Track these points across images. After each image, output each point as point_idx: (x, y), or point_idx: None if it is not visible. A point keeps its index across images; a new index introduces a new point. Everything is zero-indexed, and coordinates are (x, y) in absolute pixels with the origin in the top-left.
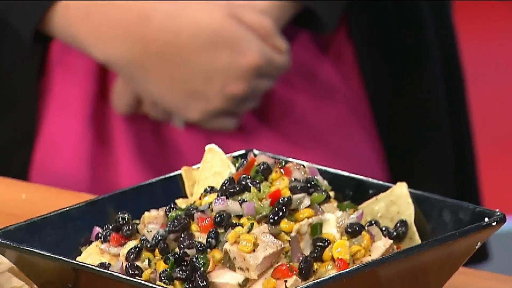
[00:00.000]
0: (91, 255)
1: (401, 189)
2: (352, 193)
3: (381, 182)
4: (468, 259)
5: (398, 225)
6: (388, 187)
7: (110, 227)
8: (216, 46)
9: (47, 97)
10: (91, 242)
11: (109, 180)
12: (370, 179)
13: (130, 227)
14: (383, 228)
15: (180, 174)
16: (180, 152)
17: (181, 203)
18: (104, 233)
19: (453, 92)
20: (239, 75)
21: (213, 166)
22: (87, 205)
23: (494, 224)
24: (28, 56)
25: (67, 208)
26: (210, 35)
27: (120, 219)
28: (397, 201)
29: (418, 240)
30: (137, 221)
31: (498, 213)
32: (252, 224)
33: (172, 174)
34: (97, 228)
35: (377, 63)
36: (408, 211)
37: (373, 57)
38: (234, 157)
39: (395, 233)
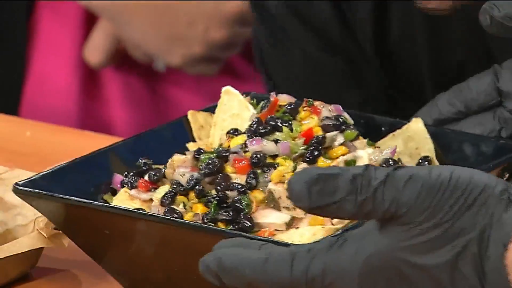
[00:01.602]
0: (122, 202)
1: (417, 124)
2: (364, 131)
3: (393, 119)
4: None
5: (421, 161)
6: (402, 124)
7: (132, 173)
8: None
9: (35, 37)
10: (112, 189)
11: (99, 116)
12: (381, 117)
13: (158, 172)
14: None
15: (185, 118)
16: (168, 97)
17: (192, 146)
18: (129, 179)
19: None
20: (221, 22)
21: (231, 108)
22: (105, 151)
23: None
24: None
25: (87, 155)
26: None
27: (142, 165)
28: (414, 137)
29: None
30: (159, 166)
31: None
32: (296, 164)
33: (177, 119)
34: (117, 175)
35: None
36: (427, 146)
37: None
38: (251, 98)
39: None
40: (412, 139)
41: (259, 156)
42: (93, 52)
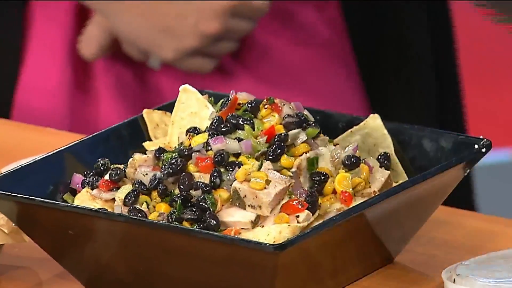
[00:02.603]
0: (84, 202)
1: (375, 120)
2: (321, 128)
3: (349, 115)
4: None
5: (380, 157)
6: (359, 120)
7: (92, 172)
8: None
9: (27, 36)
10: (71, 189)
11: (89, 117)
12: (338, 113)
13: (119, 172)
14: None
15: (141, 117)
16: (159, 91)
17: (149, 145)
18: (89, 179)
19: (437, 25)
20: (212, 14)
21: (189, 107)
22: (62, 151)
23: (483, 150)
24: None
25: (45, 155)
26: None
27: (101, 165)
28: (372, 133)
29: (402, 171)
30: (118, 166)
31: (484, 139)
32: (262, 162)
33: (132, 117)
34: (77, 175)
35: (360, 8)
36: (385, 143)
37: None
38: (209, 96)
39: None
40: (370, 136)
41: (222, 155)
42: (87, 44)
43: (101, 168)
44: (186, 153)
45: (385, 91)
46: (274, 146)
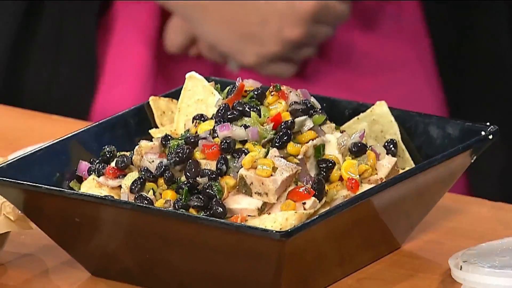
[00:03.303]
0: (90, 189)
1: (382, 107)
2: (328, 115)
3: (355, 102)
4: None
5: (387, 144)
6: (366, 107)
7: (98, 160)
8: None
9: (108, 42)
10: (77, 177)
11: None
12: (345, 100)
13: (125, 159)
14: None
15: (147, 104)
16: None
17: (155, 133)
18: (96, 167)
19: None
20: (295, 20)
21: (195, 94)
22: (68, 138)
23: (490, 137)
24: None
25: (52, 143)
26: None
27: (107, 152)
28: (379, 120)
29: (408, 158)
30: (124, 153)
31: (491, 126)
32: (268, 149)
33: (138, 105)
34: (83, 162)
35: (442, 12)
36: (392, 129)
37: (439, 7)
38: (216, 83)
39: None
40: (377, 122)
41: (228, 142)
42: (170, 40)
43: (108, 155)
44: (192, 140)
45: (463, 93)
46: (281, 133)
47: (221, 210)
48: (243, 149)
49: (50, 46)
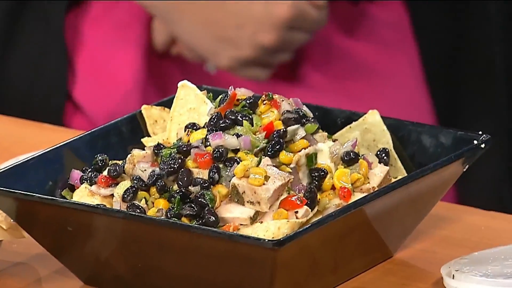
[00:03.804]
0: (82, 198)
1: (374, 116)
2: (320, 124)
3: (348, 111)
4: None
5: (379, 153)
6: (358, 116)
7: (90, 168)
8: None
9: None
10: (70, 186)
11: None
12: (337, 109)
13: (117, 168)
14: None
15: (139, 113)
16: None
17: (147, 141)
18: (88, 175)
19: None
20: (270, 26)
21: (188, 102)
22: (61, 147)
23: (483, 146)
24: None
25: (44, 151)
26: None
27: (99, 161)
28: (371, 129)
29: (400, 167)
30: (116, 162)
31: (484, 135)
32: (260, 158)
33: (131, 113)
34: (75, 171)
35: (431, 18)
36: (384, 138)
37: (427, 13)
38: (208, 92)
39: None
40: (369, 131)
41: (221, 151)
42: (156, 37)
43: (100, 164)
44: (184, 149)
45: (453, 101)
46: (273, 142)
47: (214, 219)
48: (235, 158)
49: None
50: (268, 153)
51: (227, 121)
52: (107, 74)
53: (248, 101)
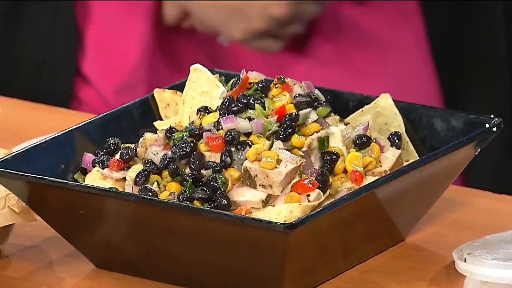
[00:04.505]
0: (94, 181)
1: (386, 100)
2: (332, 107)
3: (359, 94)
4: None
5: (391, 136)
6: (370, 99)
7: (103, 152)
8: None
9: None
10: (82, 169)
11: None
12: (349, 92)
13: (130, 151)
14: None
15: (151, 96)
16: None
17: (159, 125)
18: (100, 159)
19: None
20: None
21: (200, 86)
22: (73, 130)
23: (494, 129)
24: None
25: (56, 135)
26: None
27: (111, 145)
28: (383, 112)
29: (412, 150)
30: (128, 145)
31: (495, 118)
32: (272, 141)
33: (143, 97)
34: (88, 154)
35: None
36: (396, 122)
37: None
38: (220, 75)
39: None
40: (381, 115)
41: (233, 134)
42: (166, 10)
43: (112, 147)
44: (197, 132)
45: (458, 77)
46: (285, 125)
47: (226, 202)
48: (247, 141)
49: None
50: (280, 136)
51: (239, 104)
52: (115, 48)
53: (260, 85)
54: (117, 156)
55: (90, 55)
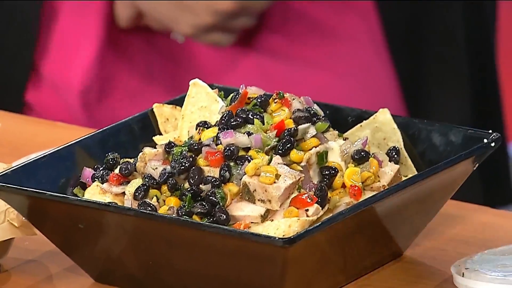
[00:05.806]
0: (93, 195)
1: (385, 115)
2: (330, 122)
3: (359, 109)
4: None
5: (390, 151)
6: (369, 114)
7: (102, 166)
8: None
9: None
10: (81, 183)
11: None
12: (347, 107)
13: (129, 166)
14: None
15: (151, 111)
16: (195, 67)
17: (159, 140)
18: (100, 173)
19: (474, 17)
20: None
21: (199, 101)
22: (72, 145)
23: (492, 144)
24: None
25: (56, 149)
26: None
27: (111, 159)
28: (382, 127)
29: (411, 165)
30: (128, 160)
31: (493, 134)
32: (271, 156)
33: (142, 112)
34: (87, 169)
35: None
36: (394, 137)
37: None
38: (219, 90)
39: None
40: (380, 130)
41: (232, 149)
42: (118, 13)
43: (111, 162)
44: (196, 147)
45: (415, 70)
46: (284, 140)
47: (224, 217)
48: (246, 156)
49: None
50: (279, 151)
51: (238, 119)
52: (69, 46)
53: (259, 100)
54: (117, 171)
55: (45, 53)
